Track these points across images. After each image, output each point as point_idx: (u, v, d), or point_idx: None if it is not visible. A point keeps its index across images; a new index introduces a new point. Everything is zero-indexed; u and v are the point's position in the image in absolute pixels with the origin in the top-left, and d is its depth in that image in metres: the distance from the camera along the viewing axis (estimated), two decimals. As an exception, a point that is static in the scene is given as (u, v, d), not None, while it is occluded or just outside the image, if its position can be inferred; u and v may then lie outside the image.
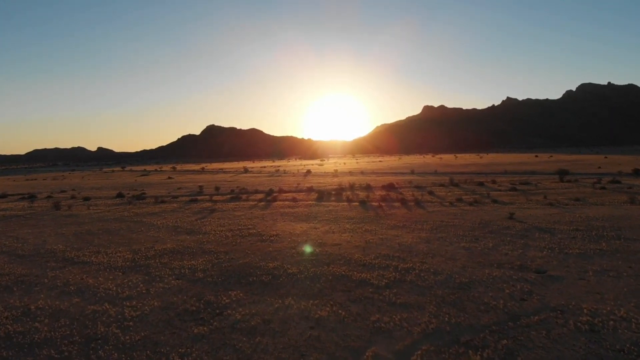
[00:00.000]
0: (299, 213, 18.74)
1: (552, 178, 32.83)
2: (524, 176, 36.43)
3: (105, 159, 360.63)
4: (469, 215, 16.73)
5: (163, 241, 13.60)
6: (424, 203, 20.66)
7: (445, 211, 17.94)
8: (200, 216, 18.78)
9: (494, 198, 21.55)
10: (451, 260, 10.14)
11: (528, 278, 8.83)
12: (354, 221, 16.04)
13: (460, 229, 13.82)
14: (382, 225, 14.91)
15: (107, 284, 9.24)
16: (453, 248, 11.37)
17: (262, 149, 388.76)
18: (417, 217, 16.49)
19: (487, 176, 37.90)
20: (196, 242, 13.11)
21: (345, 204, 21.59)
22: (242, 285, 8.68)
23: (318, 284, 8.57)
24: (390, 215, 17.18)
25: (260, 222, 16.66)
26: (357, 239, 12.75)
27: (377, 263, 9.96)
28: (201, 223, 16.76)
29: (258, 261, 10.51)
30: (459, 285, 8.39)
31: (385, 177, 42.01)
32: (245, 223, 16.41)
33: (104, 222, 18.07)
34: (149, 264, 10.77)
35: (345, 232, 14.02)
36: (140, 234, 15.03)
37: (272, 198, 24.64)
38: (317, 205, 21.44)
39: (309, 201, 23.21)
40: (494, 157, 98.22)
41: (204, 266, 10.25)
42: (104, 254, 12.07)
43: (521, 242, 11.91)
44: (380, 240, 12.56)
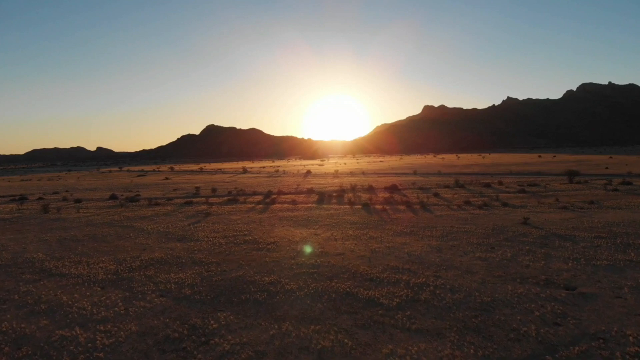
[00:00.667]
0: (299, 217, 17.70)
1: (560, 179, 31.80)
2: (531, 177, 35.40)
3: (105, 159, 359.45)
4: (480, 220, 15.68)
5: (151, 249, 12.55)
6: (431, 206, 19.61)
7: (454, 215, 16.89)
8: (193, 220, 17.74)
9: (504, 201, 20.51)
10: (468, 274, 9.09)
11: (557, 296, 7.79)
12: (358, 226, 14.99)
13: (473, 236, 12.78)
14: (388, 232, 13.86)
15: (83, 302, 8.19)
16: (468, 259, 10.32)
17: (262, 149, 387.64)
18: (424, 222, 15.44)
19: (493, 177, 36.85)
20: (186, 251, 12.06)
21: (347, 206, 20.55)
22: (234, 305, 7.63)
23: (320, 304, 7.52)
24: (396, 220, 16.13)
25: (257, 227, 15.62)
26: (361, 248, 11.70)
27: (386, 277, 8.91)
28: (194, 228, 15.71)
29: (253, 274, 9.46)
30: (481, 305, 7.34)
31: (388, 177, 40.98)
32: (241, 228, 15.36)
33: (91, 227, 17.02)
34: (133, 277, 9.72)
35: (349, 239, 12.98)
36: (128, 241, 13.98)
37: (271, 200, 23.60)
38: (317, 208, 20.39)
39: (309, 204, 22.18)
40: (497, 158, 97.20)
41: (192, 280, 9.21)
42: (85, 265, 11.02)
43: (541, 251, 10.87)
44: (387, 249, 11.51)
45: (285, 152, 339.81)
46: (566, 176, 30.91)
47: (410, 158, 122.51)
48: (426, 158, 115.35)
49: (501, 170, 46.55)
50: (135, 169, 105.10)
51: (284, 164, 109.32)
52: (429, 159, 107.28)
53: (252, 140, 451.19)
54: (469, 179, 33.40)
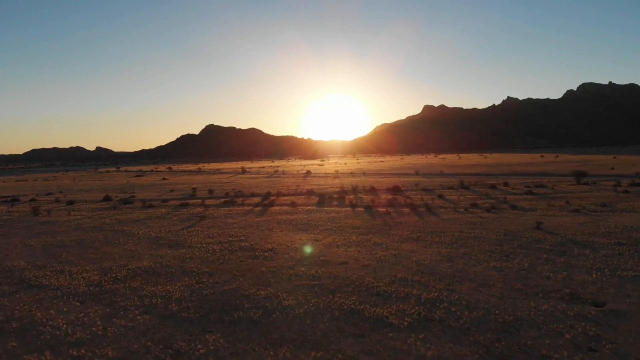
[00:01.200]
0: (298, 221, 16.87)
1: (566, 180, 30.97)
2: (536, 178, 34.58)
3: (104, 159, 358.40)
4: (490, 224, 14.85)
5: (140, 257, 11.72)
6: (436, 209, 18.78)
7: (462, 219, 16.06)
8: (187, 224, 16.90)
9: (512, 203, 19.69)
10: (484, 287, 8.27)
11: (587, 314, 6.97)
12: (361, 231, 14.16)
13: (484, 243, 11.95)
14: (393, 237, 13.03)
15: (58, 320, 7.37)
16: (482, 269, 9.50)
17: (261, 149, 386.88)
18: (431, 227, 14.61)
19: (497, 178, 36.02)
20: (177, 259, 11.23)
21: (349, 209, 19.72)
22: (225, 325, 6.80)
23: (322, 324, 6.69)
24: (401, 224, 15.30)
25: (254, 232, 14.78)
26: (366, 256, 10.87)
27: (394, 291, 8.08)
28: (187, 233, 14.88)
29: (247, 287, 8.63)
30: (503, 326, 6.51)
31: (389, 178, 40.14)
32: (237, 233, 14.53)
33: (80, 232, 16.18)
34: (117, 289, 8.89)
35: (352, 245, 12.15)
36: (116, 247, 13.15)
37: (269, 202, 22.77)
38: (317, 211, 19.56)
39: (309, 206, 21.35)
40: (499, 158, 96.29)
41: (180, 294, 8.38)
42: (67, 275, 10.20)
43: (561, 260, 10.04)
44: (394, 257, 10.68)
45: (285, 152, 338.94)
46: (573, 177, 30.10)
47: (411, 158, 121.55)
48: (427, 158, 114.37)
49: (504, 171, 45.73)
50: (134, 169, 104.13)
51: (284, 164, 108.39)
52: (430, 159, 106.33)
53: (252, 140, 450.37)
54: (473, 180, 32.58)
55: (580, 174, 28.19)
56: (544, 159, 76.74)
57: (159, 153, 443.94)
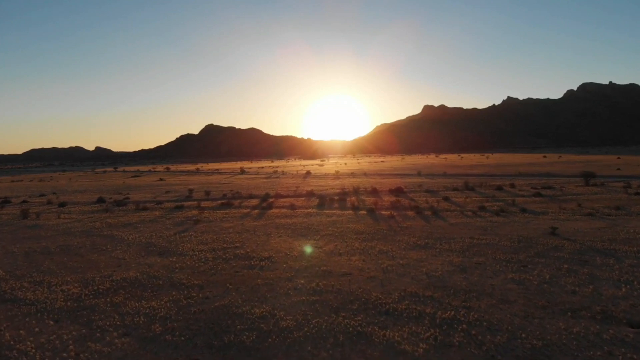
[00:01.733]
0: (298, 225, 16.02)
1: (574, 181, 30.14)
2: (542, 179, 33.74)
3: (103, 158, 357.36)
4: (502, 229, 14.00)
5: (127, 266, 10.87)
6: (443, 212, 17.94)
7: (471, 223, 15.21)
8: (181, 229, 16.04)
9: (521, 206, 18.85)
10: (505, 304, 7.42)
11: (624, 337, 6.13)
12: (364, 237, 13.30)
13: (498, 251, 11.10)
14: (400, 244, 12.17)
15: (27, 343, 6.52)
16: (500, 281, 8.65)
17: (261, 149, 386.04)
18: (439, 232, 13.76)
19: (502, 179, 35.18)
20: (166, 269, 10.38)
21: (351, 212, 18.87)
22: (213, 352, 5.94)
23: (324, 351, 5.84)
24: (407, 229, 14.45)
25: (251, 237, 13.93)
26: (371, 266, 10.02)
27: (405, 309, 7.23)
28: (180, 239, 14.02)
29: (241, 303, 7.78)
30: (532, 353, 5.66)
31: (391, 179, 39.29)
32: (232, 239, 13.67)
33: (67, 236, 15.33)
34: (97, 305, 8.04)
35: (355, 253, 11.30)
36: (103, 254, 12.30)
37: (268, 205, 21.91)
38: (318, 214, 18.71)
39: (309, 209, 20.50)
40: (501, 158, 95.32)
41: (166, 311, 7.53)
42: (45, 287, 9.35)
43: (584, 271, 9.20)
44: (401, 267, 9.83)
45: (285, 152, 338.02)
46: (581, 178, 29.27)
47: (412, 158, 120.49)
48: (428, 158, 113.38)
49: (508, 172, 44.89)
50: (131, 169, 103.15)
51: (283, 164, 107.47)
52: (431, 159, 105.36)
53: (252, 140, 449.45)
54: (478, 181, 31.73)
55: (589, 175, 27.36)
56: (547, 159, 75.84)
57: (158, 153, 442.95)
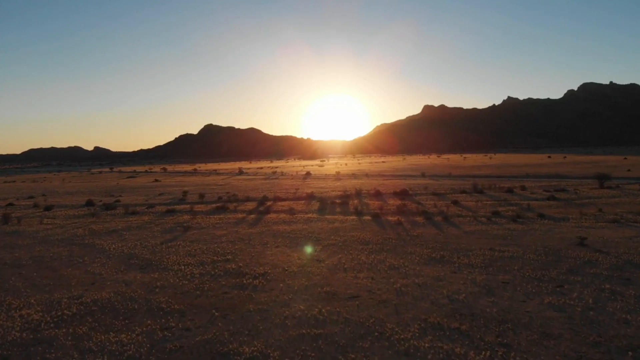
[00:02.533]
0: (297, 232, 14.66)
1: (587, 183, 28.79)
2: (553, 180, 32.38)
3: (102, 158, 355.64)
4: (523, 238, 12.64)
5: (102, 284, 9.51)
6: (454, 218, 16.57)
7: (488, 231, 13.85)
8: (169, 237, 14.66)
9: (538, 211, 17.49)
10: (549, 339, 6.05)
11: None
12: (371, 248, 11.93)
13: (525, 266, 9.74)
14: (412, 257, 10.81)
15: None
16: (535, 306, 7.29)
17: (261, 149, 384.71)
18: (454, 242, 12.39)
19: (510, 180, 33.82)
20: (146, 288, 9.01)
21: (354, 217, 17.50)
22: (186, 416, 4.56)
23: (330, 416, 4.45)
24: (418, 239, 13.08)
25: (245, 248, 12.56)
26: (382, 285, 8.66)
27: (429, 348, 5.86)
28: (166, 250, 12.64)
29: (227, 337, 6.41)
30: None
31: (394, 180, 37.92)
32: (224, 250, 12.30)
33: (44, 246, 13.95)
34: (56, 337, 6.67)
35: (362, 269, 9.93)
36: (78, 268, 10.93)
37: (265, 209, 20.55)
38: (319, 219, 17.35)
39: (310, 213, 19.14)
40: (504, 158, 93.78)
41: (136, 348, 6.15)
42: (4, 311, 8.01)
43: (631, 293, 7.85)
44: (418, 287, 8.46)
45: (285, 152, 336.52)
46: (593, 180, 27.92)
47: (413, 159, 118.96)
48: (430, 158, 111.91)
49: (515, 173, 43.55)
50: (128, 169, 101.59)
51: (283, 164, 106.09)
52: (433, 159, 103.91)
53: (251, 140, 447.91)
54: (486, 183, 30.37)
55: (603, 177, 26.02)
56: (552, 160, 74.29)
57: (157, 153, 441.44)
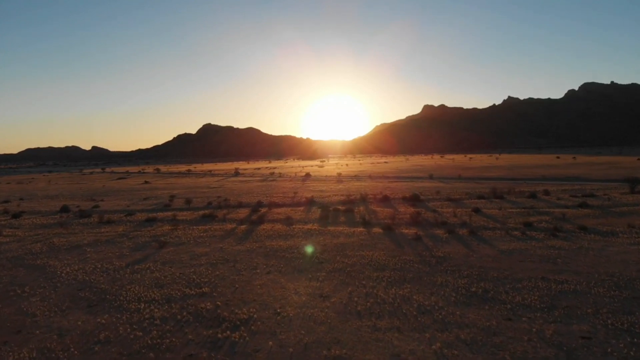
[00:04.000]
0: (294, 250, 12.08)
1: (613, 187, 26.23)
2: (574, 184, 29.79)
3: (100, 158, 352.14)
4: (575, 261, 10.05)
5: (29, 333, 6.95)
6: (481, 231, 13.98)
7: (528, 251, 11.26)
8: (139, 256, 12.06)
9: (576, 222, 14.92)
10: None
11: None
12: (389, 277, 9.33)
13: (600, 307, 7.17)
14: (446, 292, 8.21)
15: None
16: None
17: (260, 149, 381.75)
18: (493, 267, 9.80)
19: (528, 184, 31.22)
20: (82, 344, 6.43)
21: (362, 229, 14.92)
22: None
23: None
24: (446, 261, 10.48)
25: (228, 274, 9.97)
26: (413, 345, 6.08)
27: None
28: (130, 276, 10.04)
29: None
30: None
31: (400, 183, 35.24)
32: (201, 277, 9.71)
33: (-16, 267, 11.34)
34: None
35: (383, 313, 7.35)
36: (10, 305, 8.37)
37: (258, 217, 17.94)
38: (320, 232, 14.76)
39: (309, 223, 16.57)
40: (511, 159, 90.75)
41: None
42: None
43: None
44: (466, 349, 5.89)
45: (284, 152, 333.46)
46: (619, 183, 25.34)
47: (416, 159, 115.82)
48: (433, 159, 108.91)
49: (528, 175, 40.94)
50: (121, 170, 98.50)
51: (281, 165, 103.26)
52: (437, 160, 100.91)
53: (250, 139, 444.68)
54: (503, 186, 27.75)
55: (635, 181, 23.45)
56: (561, 160, 71.21)
57: (155, 153, 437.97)
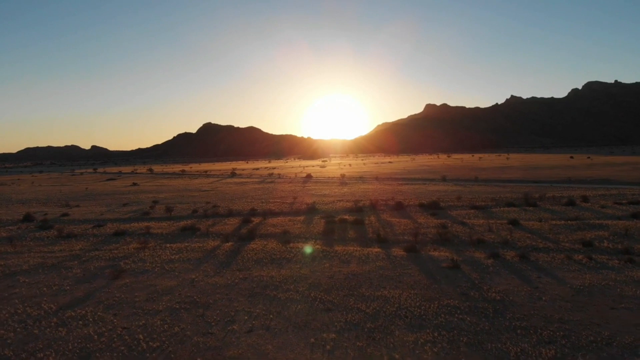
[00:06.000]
0: (289, 285, 8.92)
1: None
2: (608, 188, 26.55)
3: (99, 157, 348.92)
4: None
5: None
6: (533, 253, 10.78)
7: (611, 288, 8.09)
8: (81, 293, 8.88)
9: (652, 241, 11.72)
10: None
11: None
12: (433, 343, 6.16)
13: None
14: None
15: None
16: None
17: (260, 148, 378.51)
18: (576, 319, 6.63)
19: (555, 187, 28.00)
20: None
21: (379, 251, 11.74)
22: None
23: None
24: (507, 309, 7.30)
25: (192, 332, 6.80)
26: None
27: None
28: (52, 332, 6.86)
29: None
30: None
31: (412, 186, 31.98)
32: (151, 336, 6.54)
33: None
34: None
35: None
36: None
37: (249, 231, 14.77)
38: (325, 254, 11.58)
39: (310, 240, 13.42)
40: (522, 159, 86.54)
41: None
42: None
43: None
44: None
45: (285, 151, 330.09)
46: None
47: (422, 159, 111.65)
48: (440, 159, 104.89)
49: (549, 176, 37.66)
50: (114, 170, 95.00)
51: (281, 164, 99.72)
52: (444, 159, 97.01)
53: (251, 138, 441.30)
54: (532, 191, 24.53)
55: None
56: (578, 160, 67.00)
57: (155, 152, 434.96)
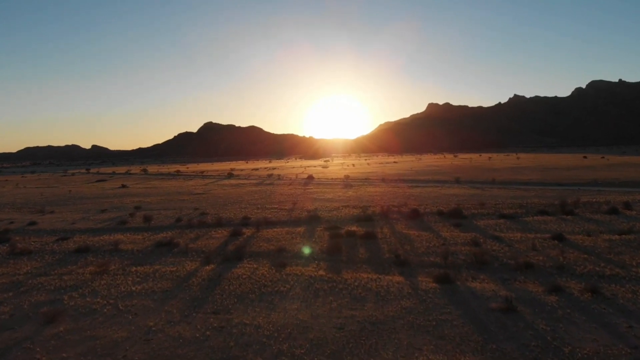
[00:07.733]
0: (281, 337, 6.30)
1: None
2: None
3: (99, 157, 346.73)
4: None
5: None
6: (604, 284, 8.13)
7: None
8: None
9: None
10: None
11: None
12: None
13: None
14: None
15: None
16: None
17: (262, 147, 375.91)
18: None
19: (584, 191, 25.21)
20: None
21: (399, 279, 9.11)
22: None
23: None
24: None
25: None
26: None
27: None
28: None
29: None
30: None
31: (423, 188, 29.20)
32: None
33: None
34: None
35: None
36: None
37: (237, 248, 12.14)
38: (330, 285, 8.96)
39: (312, 263, 10.79)
40: (534, 159, 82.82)
41: None
42: None
43: None
44: None
45: (286, 151, 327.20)
46: None
47: (428, 159, 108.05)
48: (446, 158, 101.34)
49: (571, 178, 34.89)
50: (109, 170, 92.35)
51: (282, 165, 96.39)
52: (451, 159, 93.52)
53: (252, 138, 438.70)
54: (559, 195, 21.81)
55: None
56: (593, 161, 63.37)
57: (155, 152, 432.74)
